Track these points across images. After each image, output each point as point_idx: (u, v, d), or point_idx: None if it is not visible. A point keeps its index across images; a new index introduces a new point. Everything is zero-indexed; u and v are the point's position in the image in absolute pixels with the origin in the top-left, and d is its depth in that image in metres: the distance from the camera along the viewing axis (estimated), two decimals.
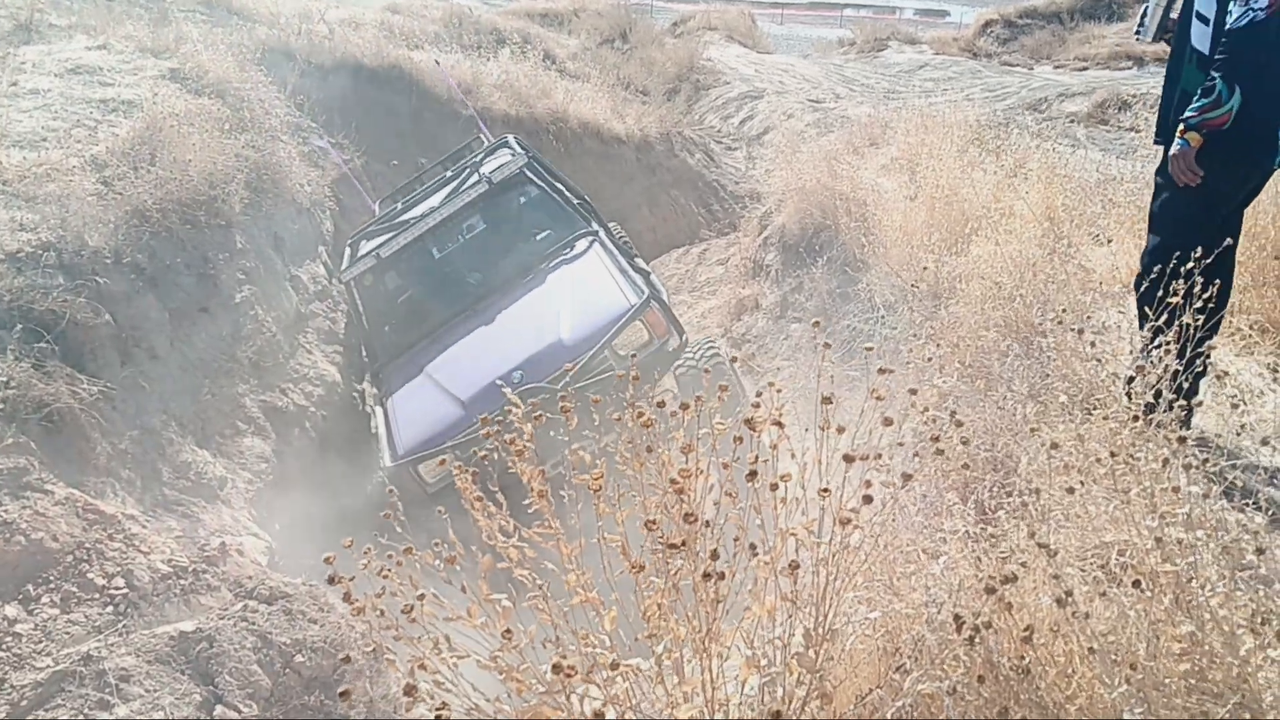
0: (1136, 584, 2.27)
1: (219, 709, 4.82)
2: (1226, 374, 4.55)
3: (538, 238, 8.13)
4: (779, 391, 2.57)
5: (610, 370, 6.57)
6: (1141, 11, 4.05)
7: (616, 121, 17.54)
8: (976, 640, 2.04)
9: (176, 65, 9.19)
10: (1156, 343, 3.12)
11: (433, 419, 6.76)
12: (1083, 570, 2.50)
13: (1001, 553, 2.32)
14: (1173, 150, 3.66)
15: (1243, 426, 4.01)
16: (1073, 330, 4.11)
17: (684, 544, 2.10)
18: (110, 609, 4.96)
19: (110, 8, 11.46)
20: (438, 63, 13.54)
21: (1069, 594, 2.10)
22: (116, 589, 5.06)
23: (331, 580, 2.16)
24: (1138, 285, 4.04)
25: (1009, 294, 5.52)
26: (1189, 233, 3.70)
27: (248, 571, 5.62)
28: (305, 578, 5.81)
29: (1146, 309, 3.46)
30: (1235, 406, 3.90)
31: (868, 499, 2.30)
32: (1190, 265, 3.53)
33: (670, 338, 7.06)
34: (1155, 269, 3.64)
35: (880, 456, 2.42)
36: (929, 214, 7.76)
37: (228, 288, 7.57)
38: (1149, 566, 2.35)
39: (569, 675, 1.89)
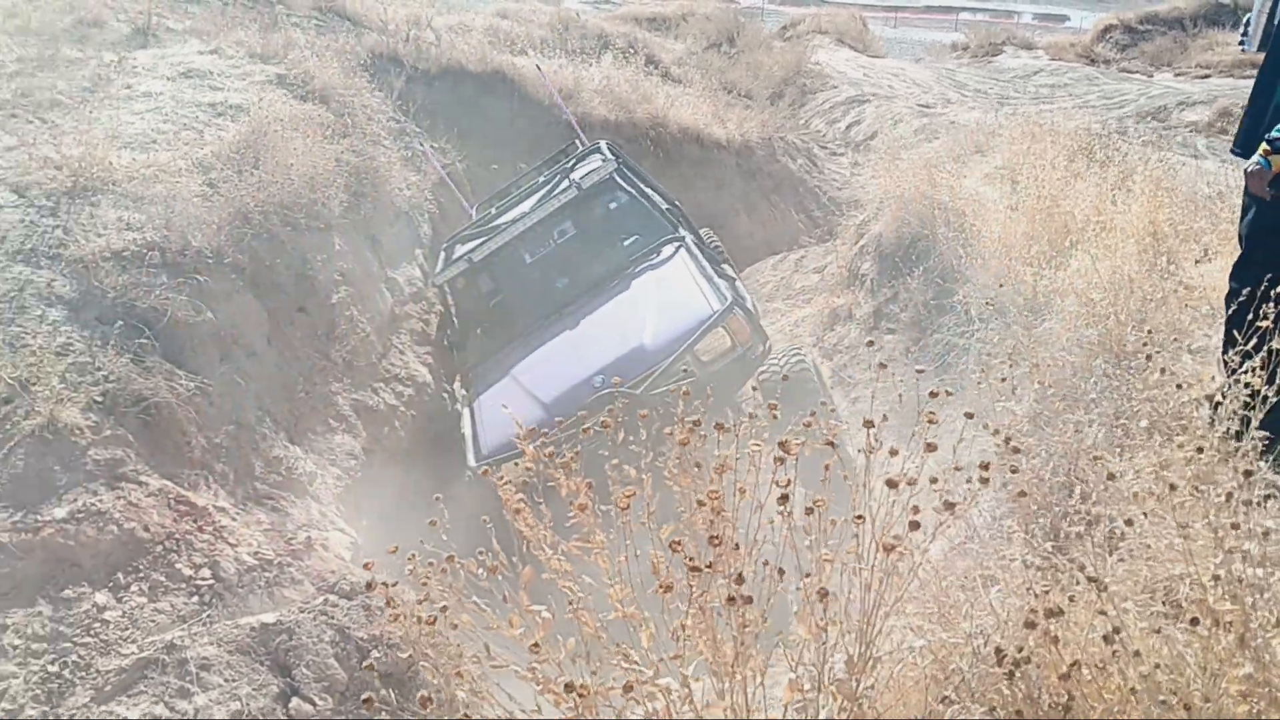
0: (1194, 621, 2.15)
1: (295, 701, 4.91)
2: None
3: (625, 243, 8.16)
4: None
5: (692, 376, 6.52)
6: (1245, 20, 3.87)
7: (717, 126, 17.45)
8: (1016, 674, 1.95)
9: (283, 71, 9.46)
10: (1245, 368, 2.96)
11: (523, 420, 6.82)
12: (1140, 606, 2.38)
13: (1047, 585, 2.21)
14: (1249, 166, 3.50)
15: None
16: (1148, 353, 3.92)
17: (710, 566, 2.05)
18: (195, 599, 5.10)
19: (224, 13, 11.86)
20: (539, 68, 13.66)
21: (1117, 630, 1.99)
22: (203, 579, 5.21)
23: (369, 586, 2.16)
24: (1227, 305, 3.85)
25: (1103, 311, 5.32)
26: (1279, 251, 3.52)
27: (331, 566, 5.73)
28: (387, 575, 5.91)
29: (1235, 331, 3.29)
30: None
31: (915, 524, 2.22)
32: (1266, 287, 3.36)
33: (754, 345, 6.98)
34: (1244, 290, 3.46)
35: (935, 481, 2.35)
36: (1029, 225, 7.52)
37: (324, 288, 7.74)
38: (1209, 603, 2.22)
39: (582, 695, 1.86)
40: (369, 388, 7.76)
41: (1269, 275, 3.46)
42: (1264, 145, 3.50)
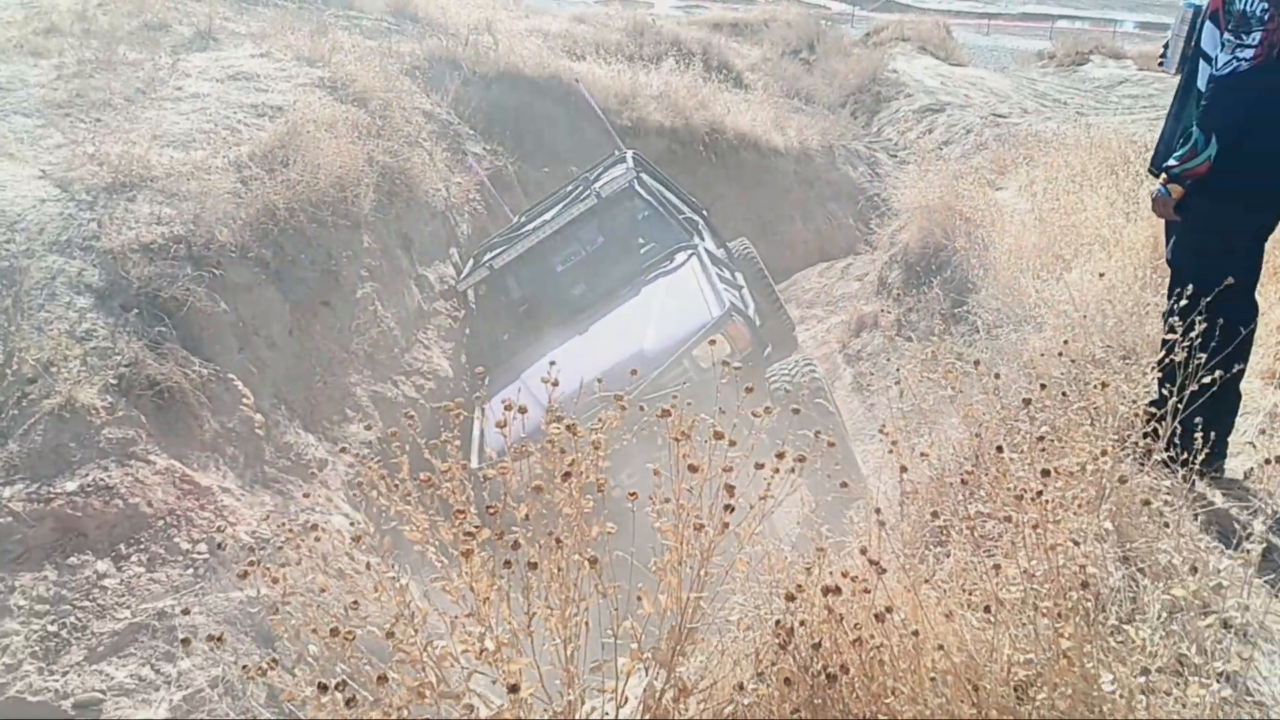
0: (987, 609, 2.30)
1: (274, 672, 5.21)
2: None
3: (641, 250, 8.37)
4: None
5: (689, 381, 6.68)
6: (1165, 43, 3.93)
7: (776, 133, 17.49)
8: (789, 645, 2.11)
9: (327, 74, 9.85)
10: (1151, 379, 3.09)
11: (519, 423, 7.04)
12: (963, 593, 2.52)
13: (830, 566, 2.37)
14: (1154, 193, 3.62)
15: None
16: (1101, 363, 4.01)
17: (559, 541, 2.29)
18: (190, 572, 5.44)
19: (285, 16, 12.35)
20: (578, 81, 13.90)
21: (889, 610, 2.15)
22: (199, 554, 5.54)
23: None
24: (1164, 324, 3.93)
25: (1083, 323, 5.37)
26: (1209, 270, 3.58)
27: (326, 548, 6.03)
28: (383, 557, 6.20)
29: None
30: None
31: (729, 508, 2.40)
32: (1185, 303, 3.45)
33: (754, 351, 7.10)
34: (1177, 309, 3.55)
35: (761, 467, 2.51)
36: (1039, 237, 7.56)
37: (350, 283, 8.08)
38: (1012, 596, 2.36)
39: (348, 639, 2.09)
40: (389, 380, 8.08)
41: (1189, 292, 3.56)
42: (1163, 175, 3.61)
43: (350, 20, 15.56)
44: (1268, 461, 2.78)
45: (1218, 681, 2.42)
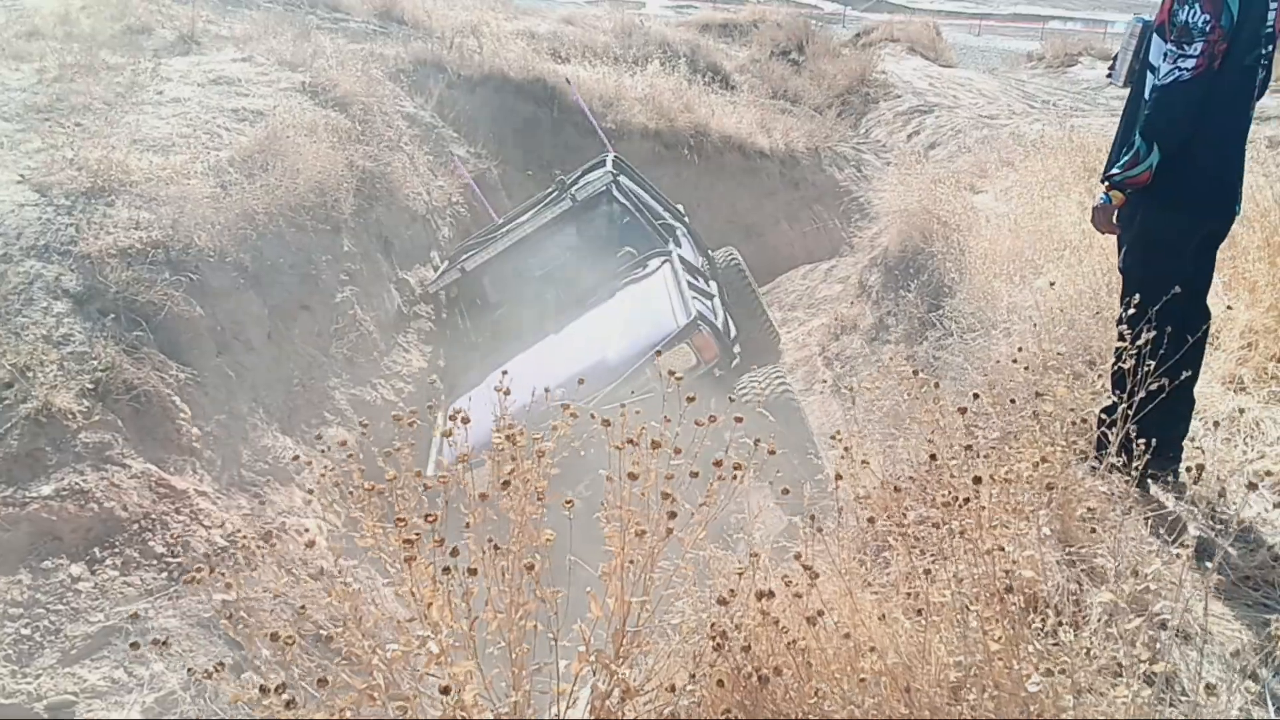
0: (919, 613, 2.36)
1: (248, 674, 5.27)
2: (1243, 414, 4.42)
3: (615, 256, 8.29)
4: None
5: (653, 391, 6.59)
6: (1114, 55, 4.01)
7: (761, 135, 17.54)
8: (723, 647, 2.18)
9: (308, 78, 9.89)
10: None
11: (477, 430, 7.00)
12: (906, 597, 2.59)
13: (766, 571, 2.43)
14: (1094, 203, 3.70)
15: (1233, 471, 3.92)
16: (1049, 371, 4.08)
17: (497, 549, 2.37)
18: (165, 575, 5.48)
19: (266, 19, 12.39)
20: (568, 81, 13.96)
21: (820, 614, 2.21)
22: (173, 557, 5.59)
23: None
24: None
25: (1045, 329, 5.44)
26: (1157, 277, 3.65)
27: (299, 552, 6.09)
28: (358, 560, 6.26)
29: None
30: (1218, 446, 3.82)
31: (672, 514, 2.46)
32: (1133, 311, 3.53)
33: (721, 361, 7.00)
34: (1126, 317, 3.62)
35: (696, 476, 2.58)
36: (1013, 241, 7.63)
37: (329, 287, 8.13)
38: (942, 600, 2.43)
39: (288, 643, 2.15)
40: (368, 383, 8.13)
41: (1135, 298, 3.64)
42: (1105, 183, 3.68)
43: (335, 23, 15.61)
44: (1200, 466, 2.84)
45: (1148, 683, 2.49)
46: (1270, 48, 3.58)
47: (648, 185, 9.79)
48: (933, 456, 2.96)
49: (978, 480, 2.46)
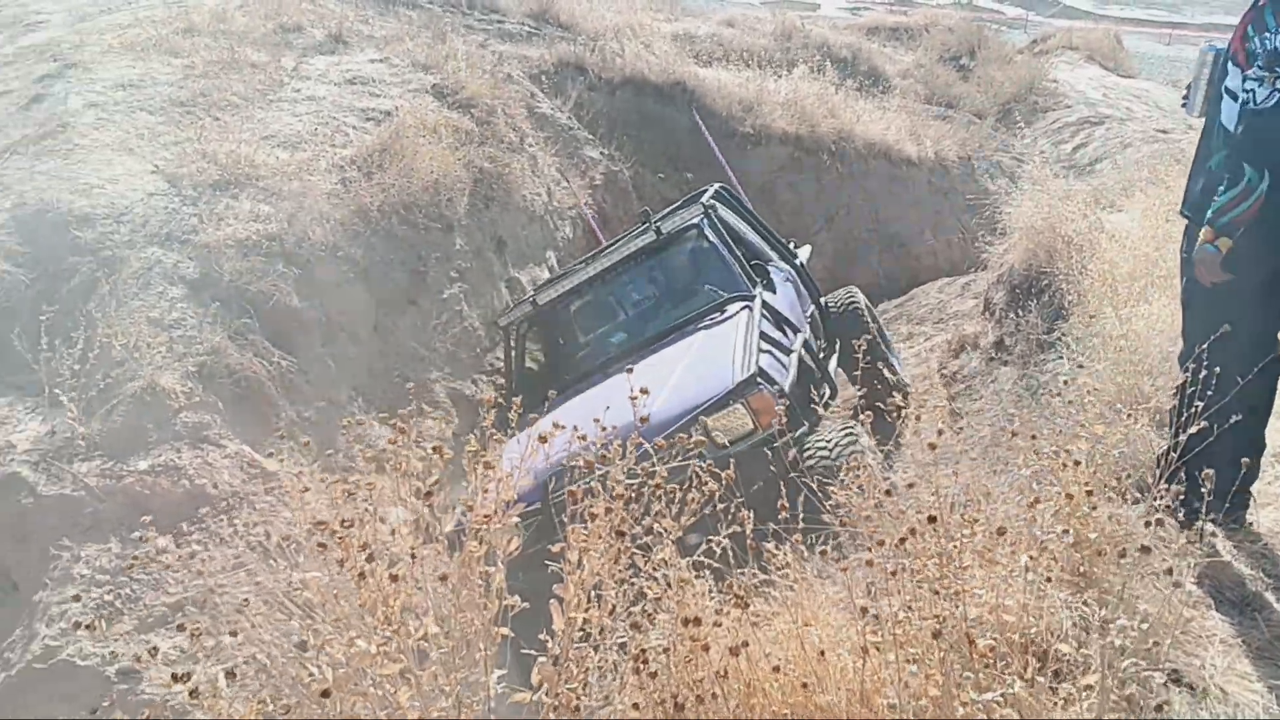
0: (864, 650, 2.30)
1: (312, 652, 5.49)
2: None
3: (693, 297, 7.61)
4: None
5: (702, 457, 5.49)
6: (1187, 85, 3.78)
7: (910, 143, 17.15)
8: (644, 671, 2.17)
9: (439, 80, 10.19)
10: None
11: (527, 472, 6.50)
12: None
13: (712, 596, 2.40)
14: (1198, 254, 3.45)
15: None
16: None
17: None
18: (246, 552, 5.75)
19: (420, 19, 12.81)
20: (691, 105, 13.87)
21: (745, 644, 2.18)
22: (255, 536, 5.85)
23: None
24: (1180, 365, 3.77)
25: (1134, 359, 5.19)
26: (1222, 314, 3.43)
27: (380, 538, 6.29)
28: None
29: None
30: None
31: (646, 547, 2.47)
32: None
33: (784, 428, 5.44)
34: (1189, 364, 3.38)
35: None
36: (1133, 264, 7.28)
37: (437, 283, 8.36)
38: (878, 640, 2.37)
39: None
40: (469, 378, 8.33)
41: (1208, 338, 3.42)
42: (1206, 230, 3.45)
43: (490, 24, 15.98)
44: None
45: None
46: None
47: (755, 220, 9.15)
48: (888, 492, 2.86)
49: (932, 520, 2.37)
